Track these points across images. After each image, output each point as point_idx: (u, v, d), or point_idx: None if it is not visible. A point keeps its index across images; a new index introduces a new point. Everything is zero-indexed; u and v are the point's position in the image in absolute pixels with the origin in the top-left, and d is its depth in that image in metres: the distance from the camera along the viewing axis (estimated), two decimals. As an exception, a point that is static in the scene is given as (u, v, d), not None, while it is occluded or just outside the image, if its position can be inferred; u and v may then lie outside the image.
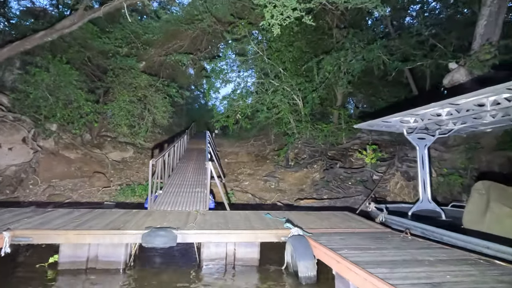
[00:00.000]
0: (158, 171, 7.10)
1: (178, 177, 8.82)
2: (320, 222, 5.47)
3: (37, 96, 8.74)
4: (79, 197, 8.82)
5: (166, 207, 6.15)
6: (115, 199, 8.94)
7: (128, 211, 5.63)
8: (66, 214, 5.23)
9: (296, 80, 12.51)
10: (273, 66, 12.79)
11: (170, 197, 6.85)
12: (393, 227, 5.59)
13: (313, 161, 12.65)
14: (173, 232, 4.44)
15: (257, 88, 13.26)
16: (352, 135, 12.67)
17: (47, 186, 9.13)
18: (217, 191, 8.96)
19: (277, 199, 10.29)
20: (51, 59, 9.17)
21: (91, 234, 4.29)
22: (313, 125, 12.96)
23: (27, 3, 14.99)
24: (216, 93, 13.37)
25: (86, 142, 12.29)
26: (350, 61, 10.23)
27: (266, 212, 5.97)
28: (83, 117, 9.98)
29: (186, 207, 6.18)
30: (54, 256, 4.40)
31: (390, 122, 6.53)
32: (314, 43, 13.85)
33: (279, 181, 11.94)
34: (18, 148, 9.09)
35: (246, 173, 13.15)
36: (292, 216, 5.91)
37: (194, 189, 7.52)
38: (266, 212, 5.99)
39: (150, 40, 13.49)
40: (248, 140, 17.47)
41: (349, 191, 10.21)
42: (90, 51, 11.50)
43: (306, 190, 11.30)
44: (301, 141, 13.21)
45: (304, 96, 12.80)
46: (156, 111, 12.68)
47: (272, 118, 13.98)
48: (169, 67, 15.45)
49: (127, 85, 12.18)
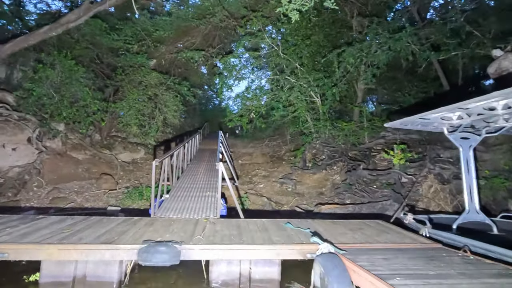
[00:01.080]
0: (164, 173, 6.32)
1: (188, 180, 8.03)
2: (351, 234, 4.51)
3: (41, 94, 8.18)
4: (83, 201, 8.18)
5: (171, 214, 5.35)
6: (121, 203, 8.26)
7: (127, 219, 4.86)
8: (57, 223, 4.50)
9: (313, 75, 11.56)
10: (288, 62, 11.89)
11: (177, 202, 6.05)
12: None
13: (332, 162, 11.63)
14: (176, 247, 3.62)
15: (272, 85, 12.38)
16: (375, 134, 11.57)
17: (52, 188, 8.55)
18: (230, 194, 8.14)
19: (295, 204, 9.35)
20: (57, 55, 8.62)
21: (78, 249, 3.52)
22: (332, 123, 11.95)
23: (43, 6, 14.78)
24: (229, 90, 12.59)
25: (96, 142, 11.74)
26: (375, 53, 9.20)
27: (286, 221, 5.06)
28: (90, 116, 9.39)
29: (194, 214, 5.35)
30: (36, 274, 3.66)
31: (429, 119, 5.47)
32: (332, 37, 12.85)
33: (296, 184, 11.00)
34: (23, 148, 8.57)
35: (260, 175, 12.27)
36: (316, 225, 4.99)
37: (204, 193, 6.70)
38: (286, 221, 5.08)
39: (161, 37, 12.88)
40: (263, 140, 16.58)
41: (375, 195, 9.14)
42: (99, 48, 10.97)
43: (326, 194, 10.30)
44: (319, 141, 12.22)
45: (323, 92, 11.82)
46: (167, 110, 12.02)
47: (288, 116, 13.07)
48: (181, 65, 14.81)
49: (137, 84, 11.58)
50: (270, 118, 13.62)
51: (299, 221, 5.24)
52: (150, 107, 11.72)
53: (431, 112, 4.86)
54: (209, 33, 13.96)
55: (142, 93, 11.39)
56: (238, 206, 5.41)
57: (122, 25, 12.03)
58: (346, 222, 5.33)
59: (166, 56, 13.28)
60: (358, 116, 13.04)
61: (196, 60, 12.86)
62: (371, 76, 9.51)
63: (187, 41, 13.69)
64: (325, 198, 9.93)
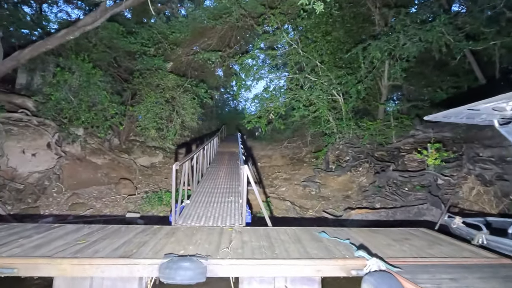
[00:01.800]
0: (185, 177, 5.91)
1: (209, 184, 7.61)
2: (399, 246, 3.90)
3: (60, 98, 8.03)
4: (102, 206, 7.92)
5: (193, 221, 4.91)
6: (140, 208, 7.94)
7: (147, 227, 4.44)
8: (73, 232, 4.14)
9: (335, 73, 10.95)
10: (308, 59, 11.32)
11: (198, 208, 5.61)
12: (497, 252, 3.88)
13: (357, 163, 10.94)
14: (201, 262, 3.15)
15: (291, 84, 11.84)
16: (404, 133, 10.79)
17: (71, 194, 8.35)
18: (253, 198, 7.65)
19: (322, 208, 8.74)
20: (74, 59, 8.47)
21: (93, 264, 3.12)
22: (356, 123, 11.27)
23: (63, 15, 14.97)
24: (247, 91, 12.15)
25: (114, 147, 11.59)
26: (404, 45, 8.49)
27: (321, 230, 4.50)
28: (108, 120, 9.18)
29: (218, 221, 4.89)
30: (49, 292, 3.28)
31: (478, 110, 4.76)
32: (353, 32, 12.21)
33: (320, 187, 10.38)
34: (42, 153, 8.43)
35: (281, 177, 11.73)
36: (353, 234, 4.41)
37: (227, 198, 6.24)
38: (319, 229, 4.53)
39: (177, 39, 12.66)
40: (281, 142, 16.04)
41: (408, 198, 8.39)
42: (116, 52, 10.82)
43: (353, 197, 9.63)
44: (342, 141, 11.56)
45: (345, 91, 11.18)
46: (185, 113, 11.73)
47: (309, 117, 12.49)
48: (198, 67, 14.55)
49: (154, 87, 11.37)
50: (290, 118, 13.09)
51: (334, 230, 4.66)
52: (167, 110, 11.46)
53: (483, 102, 4.16)
54: (226, 34, 13.64)
55: (159, 96, 11.16)
56: (265, 212, 4.90)
57: (139, 29, 11.89)
58: (387, 231, 4.71)
59: (182, 58, 13.04)
60: (383, 115, 12.29)
61: (213, 61, 12.54)
62: (400, 70, 8.80)
63: (203, 43, 13.41)
64: (352, 202, 9.26)
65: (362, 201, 9.12)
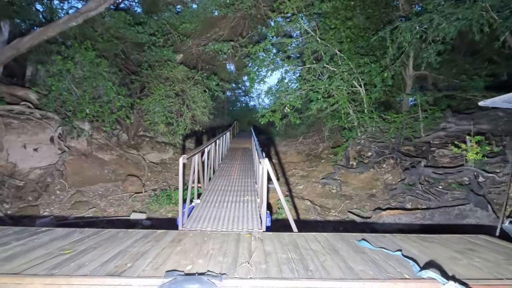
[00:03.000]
0: (194, 173, 5.13)
1: (221, 181, 6.81)
2: (466, 261, 2.98)
3: (61, 89, 7.39)
4: (107, 205, 7.25)
5: (204, 225, 4.11)
6: (148, 207, 7.22)
7: (149, 232, 3.67)
8: (60, 238, 3.41)
9: (357, 61, 9.96)
10: (327, 47, 10.37)
11: (210, 209, 4.82)
12: None
13: (381, 159, 9.94)
14: (215, 283, 2.33)
15: (308, 75, 10.91)
16: (434, 126, 9.70)
17: (75, 191, 7.73)
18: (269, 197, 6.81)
19: (345, 208, 7.81)
20: (77, 47, 7.82)
21: (71, 284, 2.35)
22: (380, 115, 10.26)
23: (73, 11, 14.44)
24: (260, 83, 11.29)
25: (123, 142, 10.97)
26: (439, 26, 7.44)
27: (359, 236, 3.63)
28: (114, 112, 8.51)
29: (233, 225, 4.08)
30: (20, 317, 2.53)
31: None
32: (375, 18, 11.15)
33: (341, 185, 9.44)
34: (45, 149, 7.84)
35: (298, 175, 10.84)
36: (400, 242, 3.52)
37: (243, 197, 5.42)
38: (358, 235, 3.65)
39: (187, 30, 11.91)
40: (296, 138, 15.12)
41: (444, 198, 7.35)
42: (123, 42, 10.14)
43: (379, 196, 8.66)
44: (364, 136, 10.57)
45: (368, 80, 10.18)
46: (195, 107, 10.98)
47: (327, 110, 11.54)
48: (209, 60, 13.82)
49: (163, 79, 10.66)
50: (306, 112, 12.18)
51: (374, 237, 3.77)
52: (177, 103, 10.74)
53: None
54: (238, 25, 12.83)
55: (169, 88, 10.44)
56: (289, 215, 4.03)
57: (147, 19, 11.20)
58: (442, 239, 3.77)
59: (192, 50, 12.30)
60: (408, 107, 11.22)
61: (224, 52, 11.73)
62: (434, 54, 7.76)
63: (214, 34, 12.63)
64: (378, 202, 8.30)
65: (390, 200, 8.15)
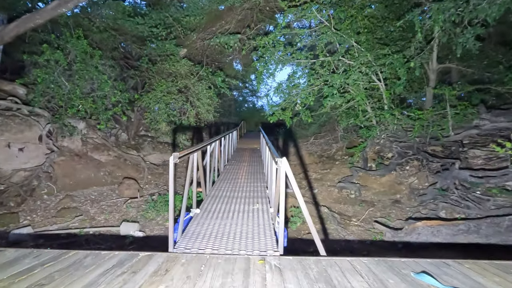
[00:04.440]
0: (193, 175, 4.16)
1: (227, 185, 5.82)
2: None
3: (48, 82, 6.52)
4: (97, 212, 6.32)
5: (203, 244, 3.12)
6: (143, 215, 6.28)
7: (126, 257, 2.69)
8: (6, 265, 2.47)
9: (376, 52, 8.90)
10: (342, 38, 9.33)
11: (211, 221, 3.82)
12: None
13: (404, 161, 8.83)
14: None
15: (321, 69, 9.87)
16: (465, 124, 8.55)
17: (64, 196, 6.84)
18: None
19: (369, 217, 6.73)
20: (68, 36, 6.96)
21: None
22: (402, 112, 9.16)
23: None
24: (270, 78, 10.30)
25: (122, 142, 10.09)
26: (477, 6, 6.36)
27: (416, 265, 2.58)
28: (110, 109, 7.62)
29: (240, 245, 3.07)
30: None
31: None
32: (395, 7, 10.08)
33: (360, 189, 8.36)
34: (32, 148, 6.98)
35: (312, 177, 9.79)
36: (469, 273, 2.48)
37: (252, 205, 4.42)
38: (414, 264, 2.61)
39: (191, 23, 11.02)
40: (307, 138, 14.07)
41: (486, 205, 6.22)
42: (122, 34, 9.28)
43: (405, 203, 7.54)
44: (384, 135, 9.47)
45: (389, 74, 9.10)
46: (199, 104, 10.04)
47: (341, 108, 10.48)
48: (214, 57, 12.89)
49: (165, 75, 9.77)
50: (318, 110, 11.14)
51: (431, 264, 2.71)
52: (180, 100, 9.82)
53: None
54: (245, 18, 11.89)
55: (171, 84, 9.54)
56: (314, 233, 3.00)
57: (149, 11, 10.36)
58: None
59: (197, 44, 11.38)
60: (431, 103, 10.08)
61: (231, 45, 10.79)
62: (473, 39, 6.67)
63: (220, 27, 11.71)
64: (405, 209, 7.20)
65: (419, 207, 7.03)
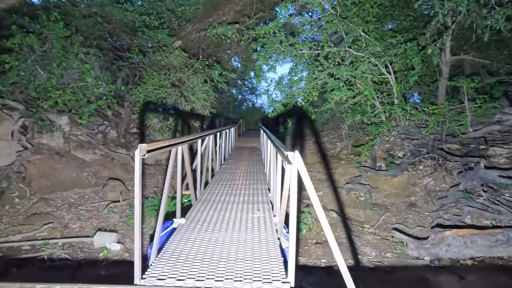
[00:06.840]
0: (174, 175, 3.27)
1: (222, 187, 4.89)
2: None
3: (19, 69, 5.62)
4: (73, 219, 5.40)
5: (184, 270, 2.21)
6: (126, 221, 5.37)
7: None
8: None
9: (387, 41, 8.05)
10: (349, 27, 8.45)
11: (199, 235, 2.90)
12: None
13: (417, 160, 7.96)
14: None
15: (326, 61, 9.00)
16: (486, 119, 7.68)
17: (38, 200, 5.92)
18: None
19: (384, 223, 5.84)
20: (46, 19, 6.06)
21: None
22: (415, 107, 8.31)
23: None
24: (271, 70, 9.42)
25: (111, 140, 9.19)
26: (507, -17, 5.51)
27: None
28: (93, 102, 6.71)
29: (235, 272, 2.17)
30: None
31: None
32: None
33: (370, 191, 7.48)
34: (3, 145, 6.08)
35: (315, 178, 8.87)
36: None
37: (251, 213, 3.53)
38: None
39: (186, 13, 10.16)
40: (309, 137, 13.18)
41: (519, 210, 5.34)
42: (111, 23, 8.39)
43: (422, 206, 6.65)
44: (395, 132, 8.60)
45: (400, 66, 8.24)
46: (195, 99, 9.16)
47: (347, 103, 9.63)
48: (211, 50, 12.00)
49: (158, 68, 8.89)
50: (323, 105, 10.27)
51: None
52: (174, 95, 8.93)
53: None
54: (244, 9, 11.02)
55: (163, 77, 8.66)
56: (339, 256, 2.11)
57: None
58: None
59: (192, 36, 10.48)
60: (444, 97, 9.23)
61: (229, 37, 9.91)
62: (503, 20, 5.81)
63: (217, 18, 10.83)
64: (423, 213, 6.31)
65: (439, 212, 6.14)
